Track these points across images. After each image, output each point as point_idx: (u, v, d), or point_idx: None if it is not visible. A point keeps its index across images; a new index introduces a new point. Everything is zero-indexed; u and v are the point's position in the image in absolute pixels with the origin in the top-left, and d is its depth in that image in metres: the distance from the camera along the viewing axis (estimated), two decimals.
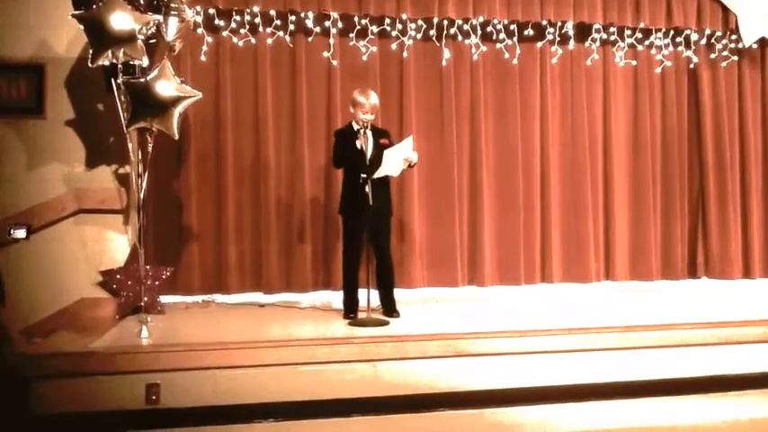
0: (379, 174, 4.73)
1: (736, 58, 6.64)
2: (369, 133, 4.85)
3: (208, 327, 4.83)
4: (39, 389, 3.72)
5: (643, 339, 4.45)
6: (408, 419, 4.03)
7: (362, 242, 4.89)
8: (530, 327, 4.61)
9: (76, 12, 4.56)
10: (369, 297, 4.77)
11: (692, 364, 4.42)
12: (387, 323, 4.73)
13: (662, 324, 4.68)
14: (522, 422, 4.08)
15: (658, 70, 6.53)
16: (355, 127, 4.87)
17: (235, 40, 5.72)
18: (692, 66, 6.59)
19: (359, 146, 4.77)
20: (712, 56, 6.60)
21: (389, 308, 4.98)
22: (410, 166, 4.94)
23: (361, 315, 4.82)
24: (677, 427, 4.07)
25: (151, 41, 4.80)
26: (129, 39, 4.50)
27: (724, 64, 6.62)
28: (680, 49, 6.54)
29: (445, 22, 6.04)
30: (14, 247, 4.99)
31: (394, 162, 4.76)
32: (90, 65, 4.56)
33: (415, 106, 6.08)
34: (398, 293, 5.18)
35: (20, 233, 3.62)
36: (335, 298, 5.41)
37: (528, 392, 4.18)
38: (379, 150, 4.80)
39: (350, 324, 4.75)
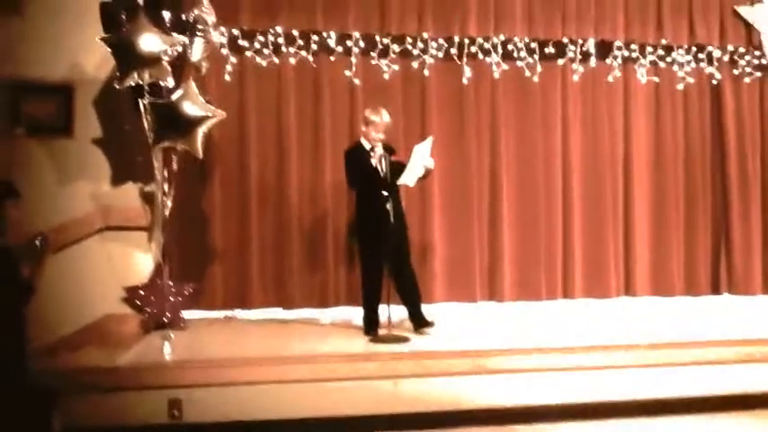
0: (403, 180, 4.74)
1: (759, 74, 6.59)
2: (380, 151, 4.87)
3: (230, 342, 4.87)
4: (64, 403, 3.77)
5: (667, 357, 4.41)
6: None
7: (383, 260, 4.88)
8: (552, 344, 4.59)
9: (104, 35, 4.65)
10: (389, 313, 4.79)
11: (716, 382, 4.37)
12: (408, 340, 4.73)
13: (685, 342, 4.66)
14: None
15: (680, 87, 6.50)
16: (366, 146, 4.90)
17: (258, 59, 5.79)
18: (714, 82, 6.55)
19: (374, 164, 4.80)
20: (735, 72, 6.56)
21: (420, 321, 4.98)
22: (425, 176, 4.92)
23: (382, 332, 4.83)
24: None
25: (177, 62, 4.88)
26: (155, 60, 4.59)
27: (747, 80, 6.57)
28: (702, 65, 6.51)
29: (466, 41, 6.08)
30: None
31: (418, 162, 4.74)
32: (117, 86, 4.66)
33: (437, 125, 6.10)
34: None
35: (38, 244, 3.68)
36: (356, 314, 5.42)
37: (551, 410, 4.16)
38: (392, 167, 4.83)
39: (371, 341, 4.77)
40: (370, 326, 4.93)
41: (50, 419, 3.48)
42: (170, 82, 4.73)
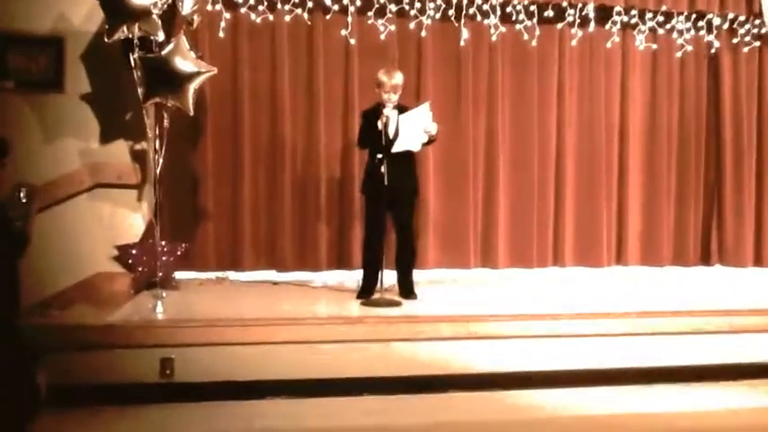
0: (398, 147, 4.67)
1: (758, 43, 6.52)
2: (392, 113, 4.75)
3: (222, 303, 4.85)
4: (54, 360, 3.76)
5: (654, 326, 4.43)
6: (420, 400, 4.04)
7: (383, 222, 4.85)
8: (543, 311, 4.61)
9: None
10: (382, 277, 4.78)
11: (704, 352, 4.41)
12: (399, 304, 4.73)
13: (674, 311, 4.68)
14: (534, 405, 4.08)
15: (679, 55, 6.44)
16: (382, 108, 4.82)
17: (253, 16, 5.67)
18: (713, 51, 6.49)
19: (379, 126, 4.72)
20: (734, 41, 6.49)
21: (407, 290, 4.96)
22: (430, 141, 4.86)
23: (374, 296, 4.81)
24: (685, 414, 4.06)
25: (167, 16, 4.77)
26: (144, 13, 4.48)
27: (746, 50, 6.51)
28: (701, 33, 6.43)
29: (464, 2, 5.95)
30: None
31: (412, 132, 4.67)
32: (106, 40, 4.56)
33: (433, 86, 6.02)
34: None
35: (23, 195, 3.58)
36: (348, 278, 5.42)
37: (540, 376, 4.19)
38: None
39: (363, 304, 4.76)
40: (363, 289, 4.93)
41: (34, 376, 3.47)
42: (160, 36, 4.62)
